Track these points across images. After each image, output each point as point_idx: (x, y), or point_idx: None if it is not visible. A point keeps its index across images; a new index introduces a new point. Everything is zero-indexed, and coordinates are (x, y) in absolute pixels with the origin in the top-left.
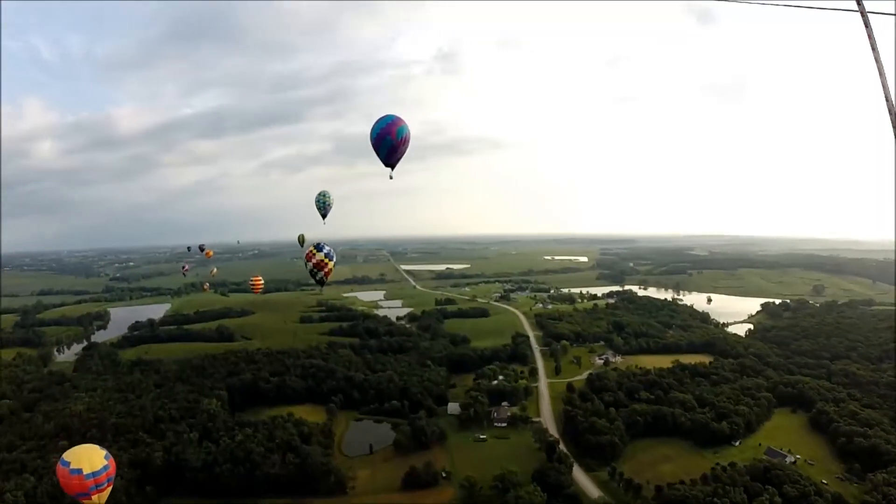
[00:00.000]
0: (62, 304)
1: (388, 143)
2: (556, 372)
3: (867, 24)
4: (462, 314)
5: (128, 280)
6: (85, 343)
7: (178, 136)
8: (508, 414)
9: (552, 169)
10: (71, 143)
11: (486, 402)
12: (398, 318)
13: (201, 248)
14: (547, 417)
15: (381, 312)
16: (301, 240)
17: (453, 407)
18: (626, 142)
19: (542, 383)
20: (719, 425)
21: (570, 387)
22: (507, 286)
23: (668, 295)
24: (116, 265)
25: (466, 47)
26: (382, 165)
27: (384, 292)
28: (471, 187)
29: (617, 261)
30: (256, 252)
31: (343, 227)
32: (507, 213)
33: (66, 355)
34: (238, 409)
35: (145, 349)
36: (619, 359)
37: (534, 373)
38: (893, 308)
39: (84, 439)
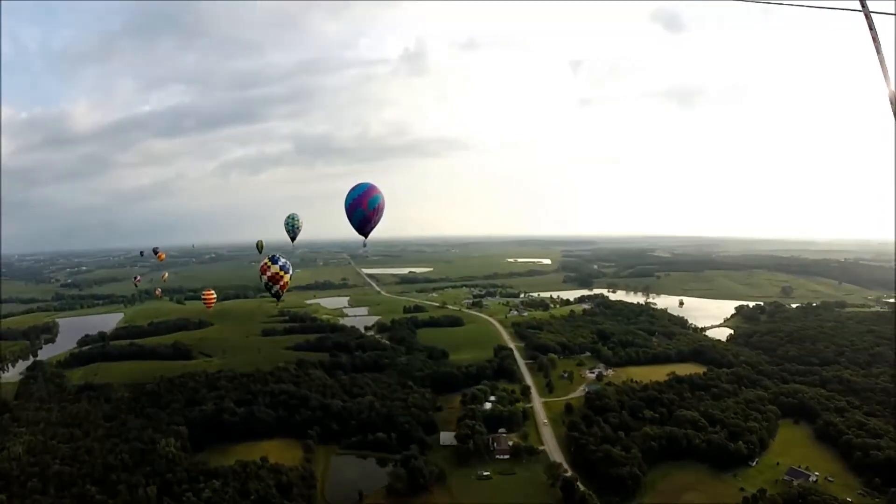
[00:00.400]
0: (8, 315)
1: (361, 214)
2: (549, 389)
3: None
4: (434, 323)
5: (79, 286)
6: (31, 360)
7: (135, 134)
8: (510, 444)
9: (513, 171)
10: (23, 141)
11: (484, 430)
12: (366, 329)
13: (155, 252)
14: (551, 445)
15: (346, 321)
16: (259, 246)
17: (447, 437)
18: (588, 144)
19: (537, 403)
20: (736, 445)
21: (568, 407)
22: (475, 291)
23: (638, 298)
24: (68, 270)
25: (433, 48)
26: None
27: (348, 298)
28: (431, 189)
29: (580, 263)
30: (213, 256)
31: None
32: (467, 215)
33: (11, 374)
34: (201, 447)
35: (95, 369)
36: (610, 372)
37: (526, 392)
38: (870, 310)
39: (24, 491)
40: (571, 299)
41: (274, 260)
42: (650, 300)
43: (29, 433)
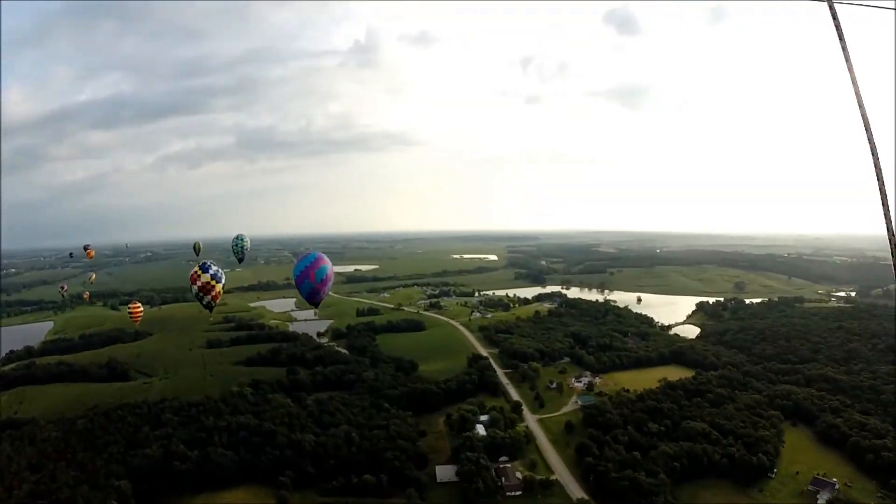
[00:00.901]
0: None
1: (309, 286)
2: (539, 404)
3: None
4: (394, 328)
5: (7, 291)
6: None
7: (70, 125)
8: (519, 477)
9: (456, 167)
10: None
11: (489, 463)
12: (319, 335)
13: (85, 248)
14: (562, 473)
15: (296, 326)
16: (196, 248)
17: (445, 472)
18: (532, 141)
19: (531, 422)
20: (756, 458)
21: (568, 425)
22: (428, 290)
23: (594, 295)
24: None
25: (384, 42)
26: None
27: (294, 300)
28: (373, 184)
29: (527, 259)
30: (149, 255)
31: (240, 225)
32: (408, 211)
33: None
34: (147, 502)
35: (20, 395)
36: (598, 379)
37: (517, 409)
38: (829, 305)
39: None
40: (529, 297)
41: (204, 268)
42: (608, 297)
43: None
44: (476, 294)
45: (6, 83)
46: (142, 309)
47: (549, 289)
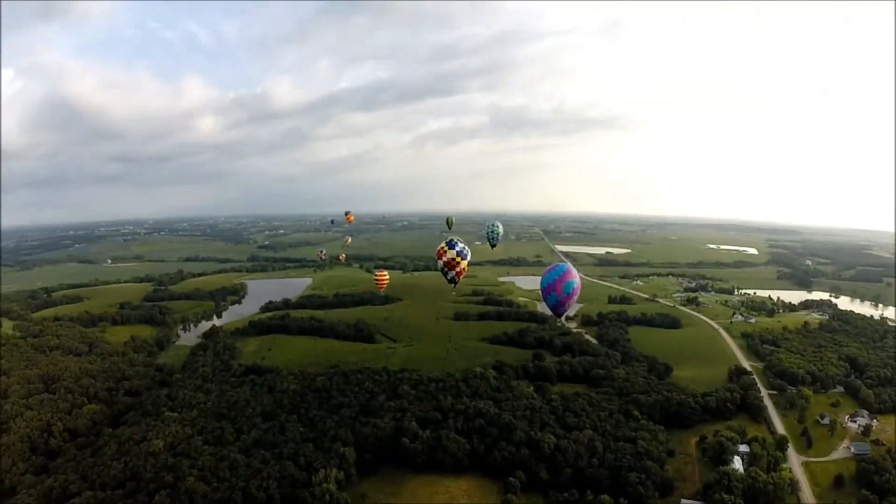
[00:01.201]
0: (201, 274)
1: (555, 299)
2: (807, 443)
3: None
4: (648, 321)
5: (274, 248)
6: (213, 321)
7: (333, 109)
8: None
9: (708, 149)
10: (231, 118)
11: None
12: (568, 319)
13: (346, 214)
14: None
15: (545, 308)
16: (449, 222)
17: None
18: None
19: (795, 464)
20: None
21: (838, 480)
22: (684, 282)
23: (867, 309)
24: (267, 232)
25: (632, 16)
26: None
27: None
28: (624, 164)
29: (791, 256)
30: (405, 224)
31: (494, 201)
32: (661, 194)
33: (189, 337)
34: (368, 471)
35: (270, 342)
36: (875, 422)
37: (782, 445)
38: None
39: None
40: (794, 303)
41: (451, 245)
42: (884, 314)
43: (179, 421)
44: (735, 292)
45: (273, 78)
46: (387, 277)
47: (816, 295)
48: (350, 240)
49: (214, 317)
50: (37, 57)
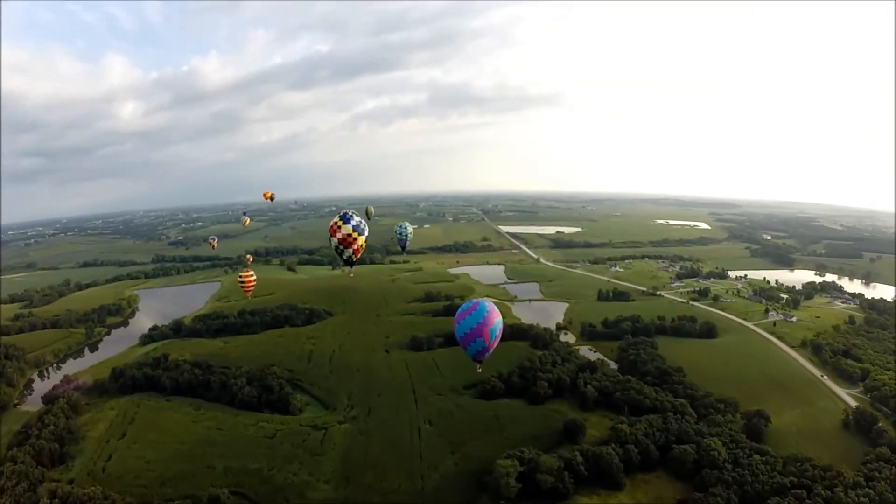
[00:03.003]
0: (91, 285)
1: (480, 345)
2: None
3: None
4: (673, 329)
5: (186, 244)
6: (84, 356)
7: (266, 88)
8: None
9: (639, 129)
10: (154, 101)
11: None
12: (559, 329)
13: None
14: None
15: (521, 312)
16: (368, 213)
17: None
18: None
19: None
20: None
21: None
22: (667, 265)
23: (860, 287)
24: (183, 226)
25: None
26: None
27: (503, 267)
28: (556, 143)
29: (744, 229)
30: (333, 209)
31: (427, 182)
32: (589, 171)
33: (43, 389)
34: None
35: (131, 414)
36: None
37: None
38: None
39: None
40: (796, 286)
41: (345, 218)
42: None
43: None
44: (741, 277)
45: (202, 52)
46: (254, 278)
47: (801, 274)
48: (248, 220)
49: (86, 350)
50: None
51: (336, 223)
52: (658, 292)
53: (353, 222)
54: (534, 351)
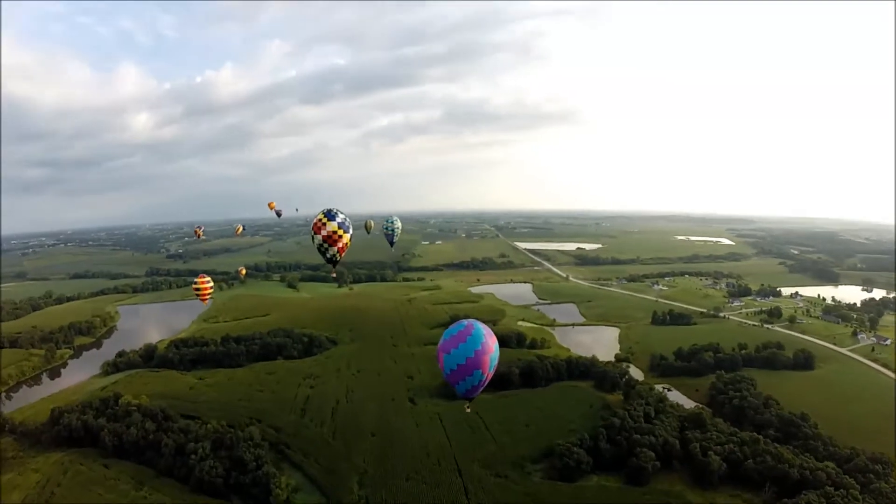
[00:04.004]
0: (73, 298)
1: (477, 379)
2: None
3: None
4: (766, 361)
5: (184, 258)
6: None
7: (279, 102)
8: None
9: (650, 147)
10: (165, 113)
11: None
12: (618, 360)
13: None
14: None
15: (566, 339)
16: (368, 227)
17: None
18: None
19: None
20: None
21: None
22: (710, 282)
23: None
24: (185, 239)
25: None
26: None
27: (529, 286)
28: (566, 161)
29: (770, 244)
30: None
31: (433, 200)
32: (597, 190)
33: None
34: None
35: (62, 473)
36: None
37: None
38: None
39: None
40: (855, 303)
41: (330, 216)
42: None
43: None
44: (791, 296)
45: (219, 63)
46: (211, 285)
47: (848, 290)
48: (241, 228)
49: (45, 377)
50: None
51: (320, 220)
52: (720, 314)
53: (339, 219)
54: (603, 395)
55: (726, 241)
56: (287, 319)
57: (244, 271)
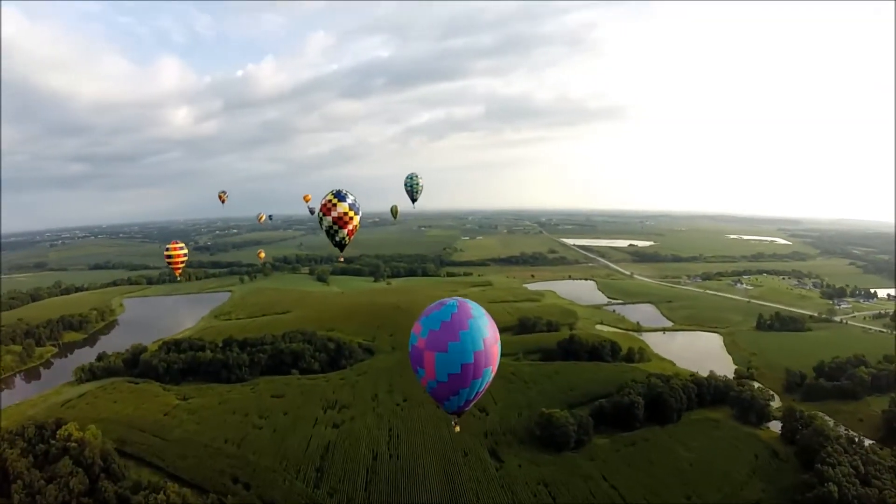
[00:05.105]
0: (81, 289)
1: (475, 390)
2: None
3: None
4: None
5: (211, 251)
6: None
7: (319, 96)
8: None
9: (690, 147)
10: (204, 108)
11: None
12: (740, 375)
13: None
14: None
15: (657, 345)
16: (394, 211)
17: None
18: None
19: None
20: None
21: None
22: (791, 281)
23: None
24: (217, 233)
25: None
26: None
27: (592, 284)
28: (605, 159)
29: (825, 244)
30: (376, 220)
31: (469, 198)
32: (632, 189)
33: None
34: None
35: None
36: None
37: None
38: None
39: None
40: None
41: (340, 196)
42: None
43: None
44: (889, 297)
45: (260, 56)
46: (184, 253)
47: None
48: (264, 216)
49: (17, 380)
50: None
51: (330, 201)
52: (834, 317)
53: (349, 200)
54: (753, 430)
55: (782, 241)
56: (311, 318)
57: (263, 254)
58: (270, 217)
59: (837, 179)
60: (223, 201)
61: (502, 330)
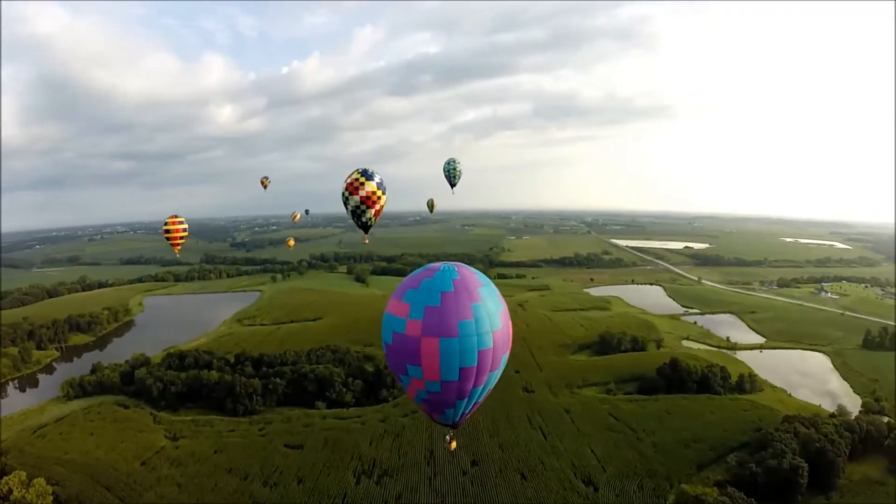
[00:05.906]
0: (105, 285)
1: (474, 399)
2: None
3: None
4: None
5: (247, 247)
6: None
7: (365, 93)
8: None
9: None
10: (248, 106)
11: None
12: (870, 411)
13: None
14: None
15: (765, 369)
16: (430, 205)
17: None
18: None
19: None
20: None
21: None
22: (878, 291)
23: None
24: (255, 229)
25: None
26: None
27: (659, 289)
28: (648, 159)
29: (887, 248)
30: (417, 219)
31: (510, 198)
32: (675, 190)
33: None
34: None
35: None
36: None
37: None
38: None
39: None
40: None
41: (367, 175)
42: None
43: None
44: None
45: (306, 53)
46: (184, 227)
47: None
48: (298, 215)
49: (10, 387)
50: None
51: (357, 179)
52: None
53: (377, 179)
54: None
55: (840, 245)
56: (344, 328)
57: (292, 242)
58: (307, 212)
59: (874, 181)
60: (265, 186)
61: (580, 347)
